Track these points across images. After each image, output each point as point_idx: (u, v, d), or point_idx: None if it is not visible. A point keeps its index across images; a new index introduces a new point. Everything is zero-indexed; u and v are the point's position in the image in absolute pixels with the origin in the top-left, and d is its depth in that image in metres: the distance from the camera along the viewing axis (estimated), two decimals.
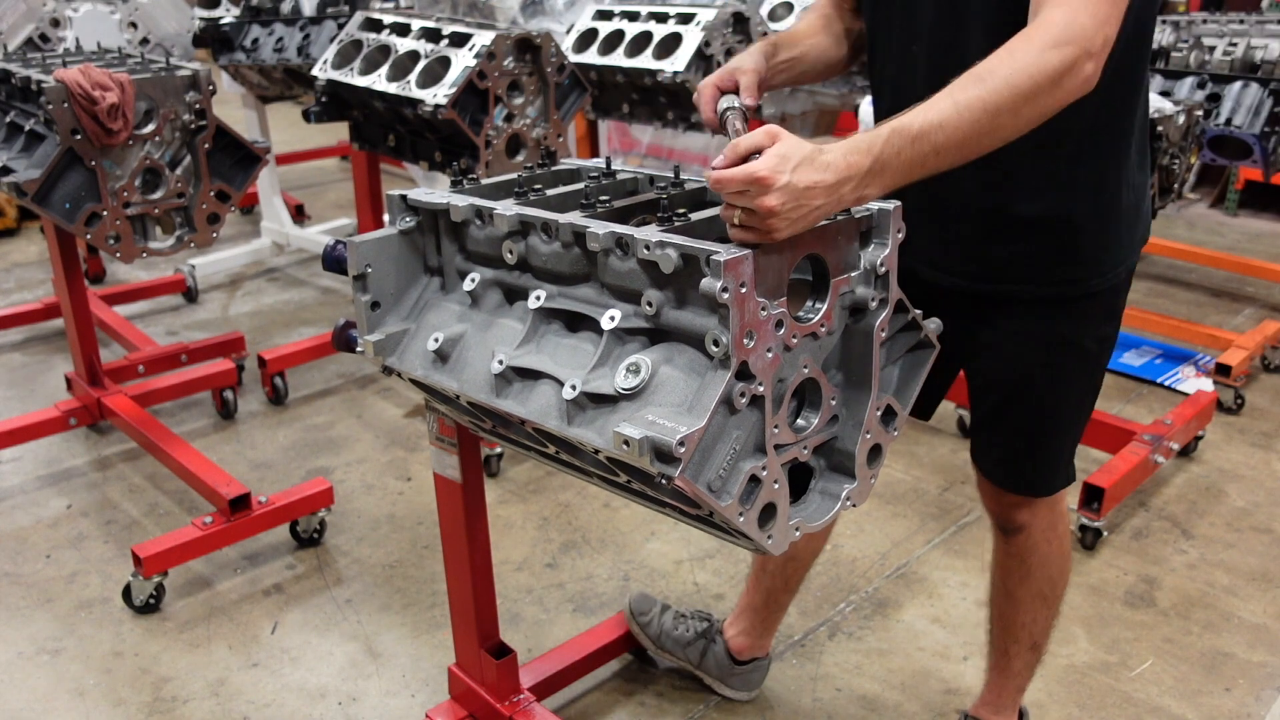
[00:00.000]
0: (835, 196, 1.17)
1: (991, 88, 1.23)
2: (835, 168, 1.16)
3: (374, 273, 1.49)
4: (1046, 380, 1.66)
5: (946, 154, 1.23)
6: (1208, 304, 4.59)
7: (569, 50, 3.55)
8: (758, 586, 2.21)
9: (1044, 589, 1.88)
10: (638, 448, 1.12)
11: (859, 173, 1.18)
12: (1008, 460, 1.80)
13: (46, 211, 2.55)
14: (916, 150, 1.21)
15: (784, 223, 1.15)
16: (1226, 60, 3.82)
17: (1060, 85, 1.25)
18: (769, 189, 1.12)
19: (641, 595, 2.37)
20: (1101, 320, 1.67)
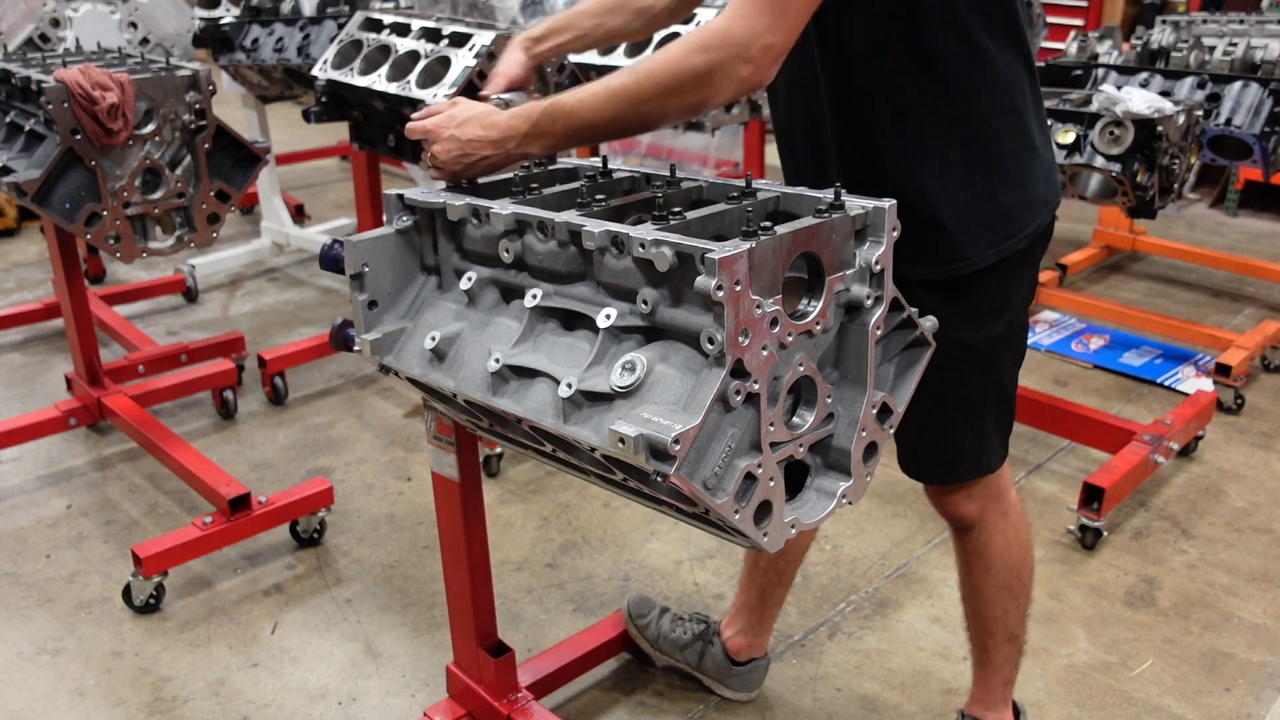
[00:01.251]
0: (502, 150, 1.48)
1: (637, 80, 1.41)
2: (499, 127, 1.47)
3: (371, 272, 1.50)
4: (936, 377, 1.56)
5: (598, 129, 1.45)
6: (1208, 304, 4.59)
7: None
8: (751, 584, 2.22)
9: (1009, 580, 1.87)
10: (633, 445, 1.12)
11: (519, 134, 1.46)
12: (914, 451, 1.80)
13: (46, 211, 2.55)
14: (569, 124, 1.44)
15: (454, 165, 1.51)
16: (1226, 60, 3.81)
17: (709, 84, 1.38)
18: (436, 139, 1.50)
19: (640, 598, 2.37)
20: (987, 318, 1.63)
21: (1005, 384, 1.75)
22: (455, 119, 1.50)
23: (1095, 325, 4.26)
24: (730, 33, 1.36)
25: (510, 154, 1.49)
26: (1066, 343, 4.13)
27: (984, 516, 1.82)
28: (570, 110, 1.44)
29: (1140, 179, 2.99)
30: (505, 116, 1.47)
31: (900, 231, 1.32)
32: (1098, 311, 4.21)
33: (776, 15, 1.35)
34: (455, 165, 1.51)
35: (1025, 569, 1.88)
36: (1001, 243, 1.58)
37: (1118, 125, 2.96)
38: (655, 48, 1.85)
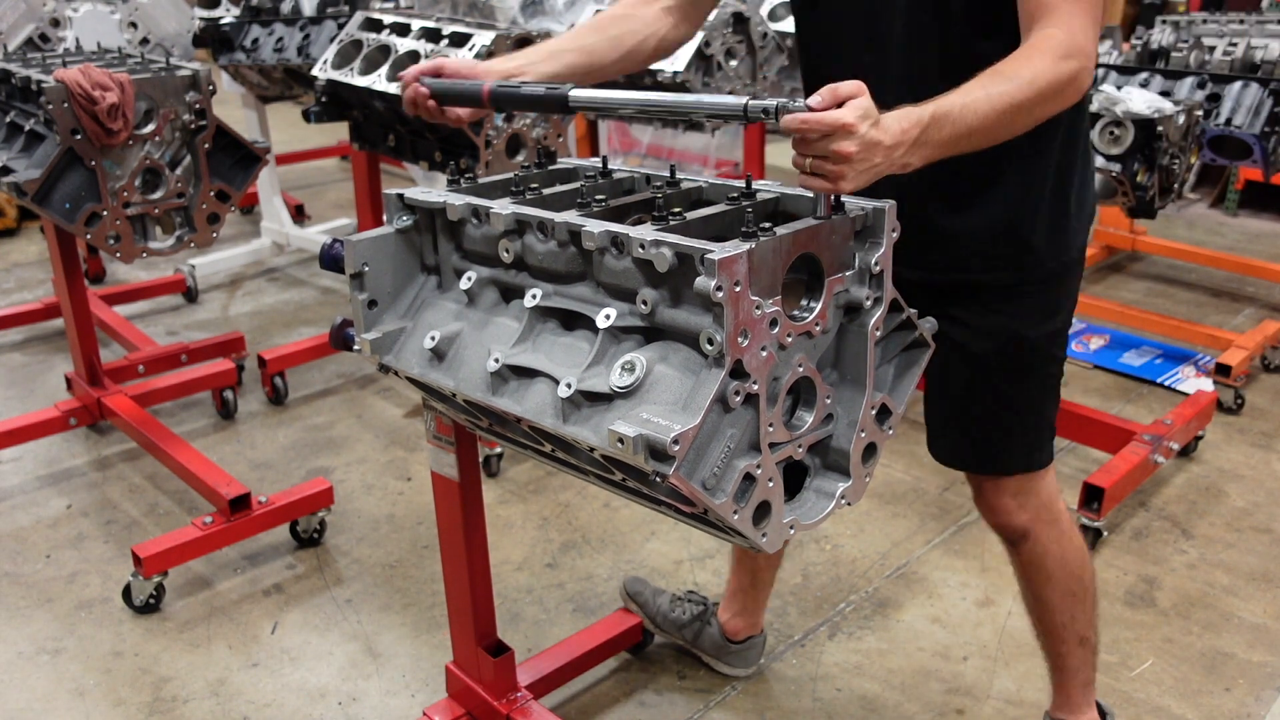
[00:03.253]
0: (889, 159, 1.26)
1: (1017, 85, 1.36)
2: (893, 132, 1.26)
3: (371, 271, 1.50)
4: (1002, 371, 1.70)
5: (974, 138, 1.36)
6: (1208, 304, 4.59)
7: None
8: (741, 569, 2.28)
9: (1071, 586, 1.88)
10: (632, 445, 1.12)
11: (909, 140, 1.28)
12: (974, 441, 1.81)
13: (46, 211, 2.55)
14: (954, 130, 1.32)
15: (853, 172, 1.23)
16: (1226, 60, 3.81)
17: (1064, 93, 1.40)
18: (851, 136, 1.20)
19: (634, 578, 2.45)
20: (1044, 314, 1.71)
21: (1057, 379, 1.80)
22: (869, 115, 1.22)
23: (1095, 325, 4.26)
24: (1078, 42, 1.39)
25: (895, 163, 1.28)
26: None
27: (1035, 526, 1.83)
28: (956, 118, 1.33)
29: (1140, 179, 2.99)
30: (896, 120, 1.27)
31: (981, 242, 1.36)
32: (1098, 311, 4.21)
33: (1095, 24, 1.43)
34: (852, 170, 1.23)
35: (1086, 572, 1.89)
36: (1074, 243, 1.69)
37: (1118, 125, 2.96)
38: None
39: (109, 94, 2.46)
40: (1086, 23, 1.40)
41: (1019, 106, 1.36)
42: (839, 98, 1.22)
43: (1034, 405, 1.78)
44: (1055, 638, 1.94)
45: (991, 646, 2.44)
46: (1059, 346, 1.76)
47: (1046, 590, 1.88)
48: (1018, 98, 1.35)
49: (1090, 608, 1.91)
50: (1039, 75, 1.36)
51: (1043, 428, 1.80)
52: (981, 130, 1.35)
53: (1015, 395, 1.75)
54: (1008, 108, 1.35)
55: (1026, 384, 1.75)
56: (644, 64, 1.83)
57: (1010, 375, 1.72)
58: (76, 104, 2.45)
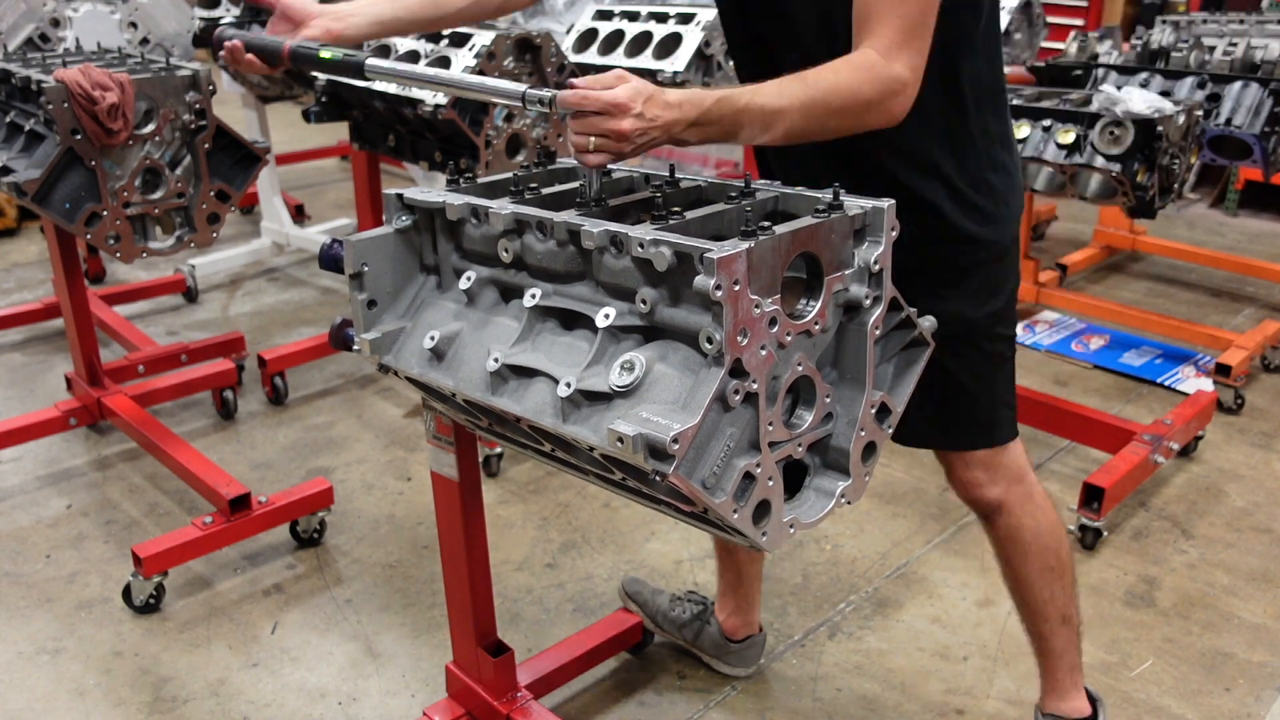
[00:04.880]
0: (668, 134, 1.39)
1: (811, 92, 1.42)
2: (672, 108, 1.38)
3: (370, 271, 1.50)
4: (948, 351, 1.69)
5: (756, 130, 1.43)
6: (1208, 304, 4.59)
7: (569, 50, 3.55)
8: (726, 567, 2.29)
9: (1049, 561, 1.90)
10: (632, 445, 1.12)
11: (686, 120, 1.38)
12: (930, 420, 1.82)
13: (46, 211, 2.55)
14: (736, 120, 1.41)
15: (628, 145, 1.37)
16: (1226, 60, 3.81)
17: (868, 113, 1.45)
18: (626, 114, 1.34)
19: (632, 578, 2.46)
20: (986, 295, 1.75)
21: (1006, 358, 1.84)
22: (641, 94, 1.36)
23: (1095, 325, 4.26)
24: (891, 69, 1.44)
25: (672, 137, 1.41)
26: (1066, 343, 4.13)
27: (1008, 499, 1.86)
28: (741, 107, 1.40)
29: (1140, 179, 2.99)
30: (677, 99, 1.39)
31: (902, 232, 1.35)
32: (1098, 311, 4.21)
33: (918, 54, 1.46)
34: (629, 144, 1.38)
35: (1063, 548, 1.92)
36: (1006, 227, 1.74)
37: (1118, 125, 2.96)
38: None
39: (109, 94, 2.46)
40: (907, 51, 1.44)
41: (807, 109, 1.42)
42: (600, 82, 1.37)
43: (985, 382, 1.81)
44: (1038, 616, 1.95)
45: (991, 646, 2.44)
46: (1004, 324, 1.81)
47: (1024, 566, 1.91)
48: (806, 101, 1.41)
49: (1070, 584, 1.94)
50: (838, 87, 1.42)
51: (997, 404, 1.84)
52: (765, 123, 1.42)
53: (965, 374, 1.79)
54: (795, 107, 1.41)
55: (975, 363, 1.79)
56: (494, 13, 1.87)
57: (958, 356, 1.74)
58: (76, 104, 2.45)
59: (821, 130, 1.46)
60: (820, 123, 1.44)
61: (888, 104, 1.45)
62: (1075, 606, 1.97)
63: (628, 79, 1.38)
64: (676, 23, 3.38)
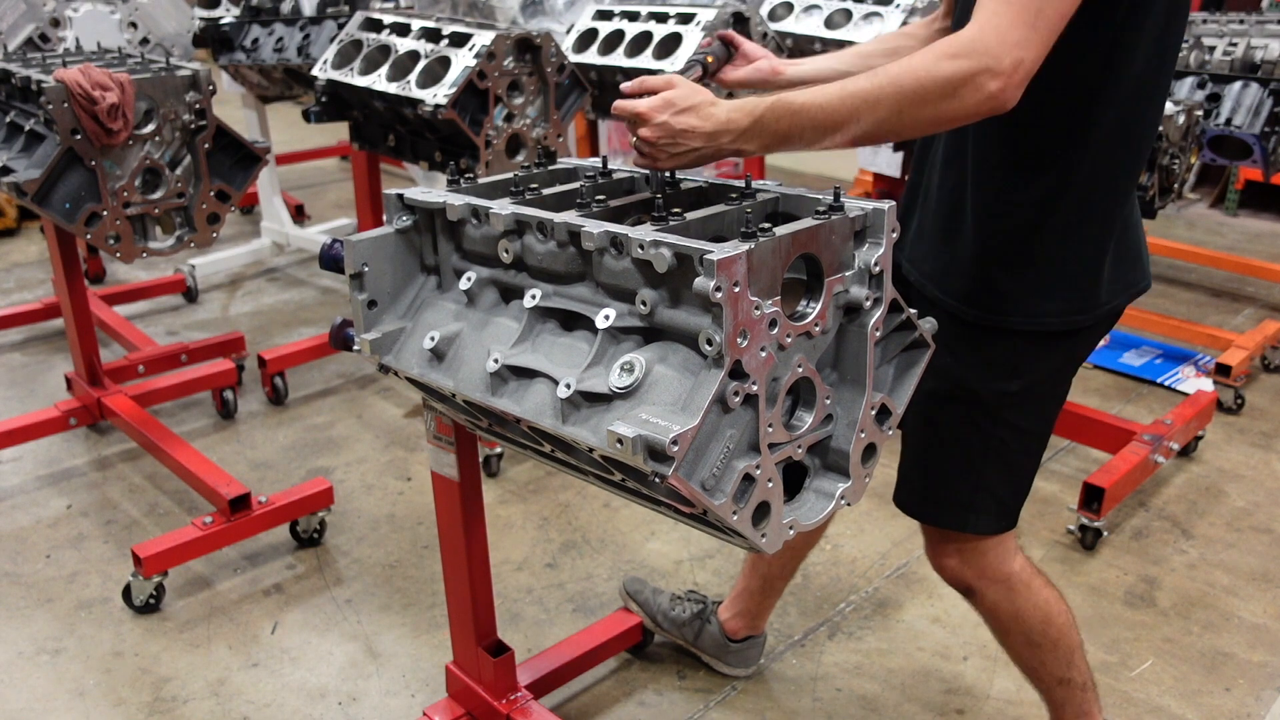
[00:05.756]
0: (714, 144, 1.36)
1: (877, 83, 1.30)
2: (715, 119, 1.35)
3: (371, 271, 1.50)
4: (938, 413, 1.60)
5: (821, 133, 1.34)
6: (1208, 304, 4.59)
7: (569, 50, 3.55)
8: (754, 573, 2.25)
9: (1034, 639, 1.79)
10: (631, 446, 1.12)
11: (737, 129, 1.35)
12: (907, 480, 1.74)
13: (46, 211, 2.55)
14: (794, 122, 1.33)
15: (661, 155, 1.38)
16: (1226, 60, 3.81)
17: (955, 96, 1.27)
18: (646, 124, 1.37)
19: (633, 577, 2.45)
20: (1000, 372, 1.58)
21: (1012, 451, 1.65)
22: (673, 104, 1.36)
23: None
24: (981, 42, 1.26)
25: (722, 149, 1.37)
26: None
27: (979, 585, 1.75)
28: (799, 109, 1.32)
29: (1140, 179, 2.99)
30: (725, 108, 1.35)
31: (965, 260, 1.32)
32: None
33: (1029, 29, 1.26)
34: (661, 154, 1.39)
35: (1050, 627, 1.78)
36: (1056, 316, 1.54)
37: None
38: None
39: (109, 94, 2.46)
40: (1003, 21, 1.25)
41: (876, 104, 1.29)
42: (644, 89, 1.38)
43: (970, 461, 1.65)
44: (1031, 677, 1.87)
45: (991, 646, 2.44)
46: (1015, 413, 1.60)
47: (1006, 639, 1.82)
48: (874, 95, 1.29)
49: (1065, 654, 1.81)
50: (906, 73, 1.28)
51: (980, 493, 1.66)
52: (830, 127, 1.32)
53: (950, 447, 1.65)
54: (859, 103, 1.30)
55: (963, 435, 1.63)
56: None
57: (950, 424, 1.62)
58: (76, 104, 2.45)
59: (901, 122, 1.30)
60: (894, 115, 1.29)
61: (976, 81, 1.25)
62: (1078, 668, 1.83)
63: (675, 83, 1.36)
64: (676, 23, 3.38)
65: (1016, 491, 1.70)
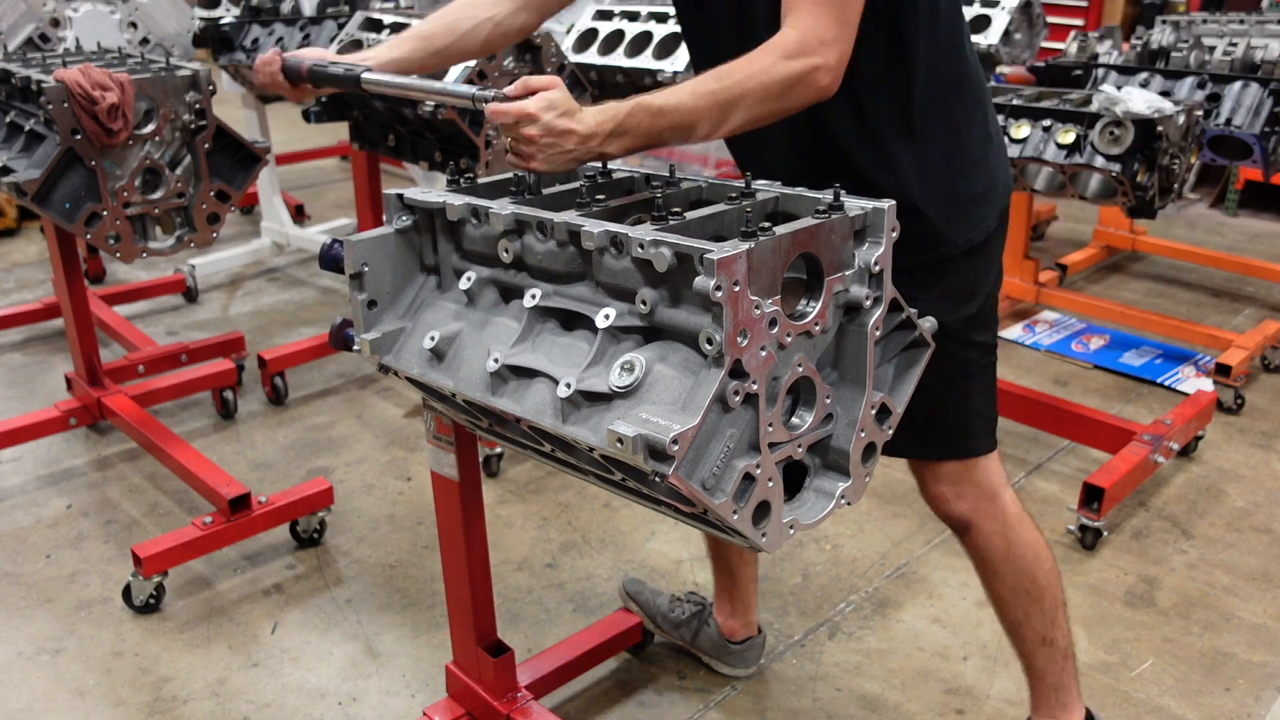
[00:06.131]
0: (585, 147, 1.43)
1: (725, 85, 1.42)
2: (587, 123, 1.42)
3: (371, 271, 1.50)
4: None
5: (681, 132, 1.44)
6: (1208, 304, 4.59)
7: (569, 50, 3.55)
8: (720, 569, 2.28)
9: (1021, 583, 1.83)
10: (631, 445, 1.12)
11: (604, 132, 1.42)
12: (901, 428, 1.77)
13: (46, 211, 2.55)
14: (655, 124, 1.43)
15: (541, 155, 1.43)
16: (1226, 60, 3.81)
17: (793, 92, 1.43)
18: (534, 123, 1.41)
19: (632, 579, 2.45)
20: (960, 299, 1.70)
21: (983, 366, 1.78)
22: (555, 106, 1.41)
23: (1095, 325, 4.26)
24: (808, 44, 1.41)
25: (592, 151, 1.44)
26: (1066, 343, 4.13)
27: (977, 517, 1.81)
28: (658, 110, 1.42)
29: (1140, 179, 2.99)
30: (592, 113, 1.44)
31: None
32: (1098, 311, 4.21)
33: (842, 24, 1.42)
34: (541, 154, 1.44)
35: (1040, 570, 1.84)
36: (977, 225, 1.67)
37: (1118, 125, 2.96)
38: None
39: (109, 94, 2.46)
40: (823, 20, 1.41)
41: (727, 104, 1.42)
42: (530, 89, 1.43)
43: (958, 391, 1.75)
44: (1015, 635, 1.90)
45: (991, 646, 2.44)
46: (979, 331, 1.75)
47: (996, 585, 1.86)
48: (724, 97, 1.42)
49: (1050, 608, 1.86)
50: (751, 76, 1.41)
51: (971, 415, 1.77)
52: (687, 126, 1.43)
53: (936, 381, 1.69)
54: (713, 104, 1.42)
55: (946, 370, 1.69)
56: (483, 49, 1.88)
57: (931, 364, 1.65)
58: (76, 104, 2.45)
59: (748, 119, 1.44)
60: (744, 112, 1.43)
61: (810, 78, 1.42)
62: (1060, 629, 1.88)
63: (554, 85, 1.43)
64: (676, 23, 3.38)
65: (992, 404, 1.83)
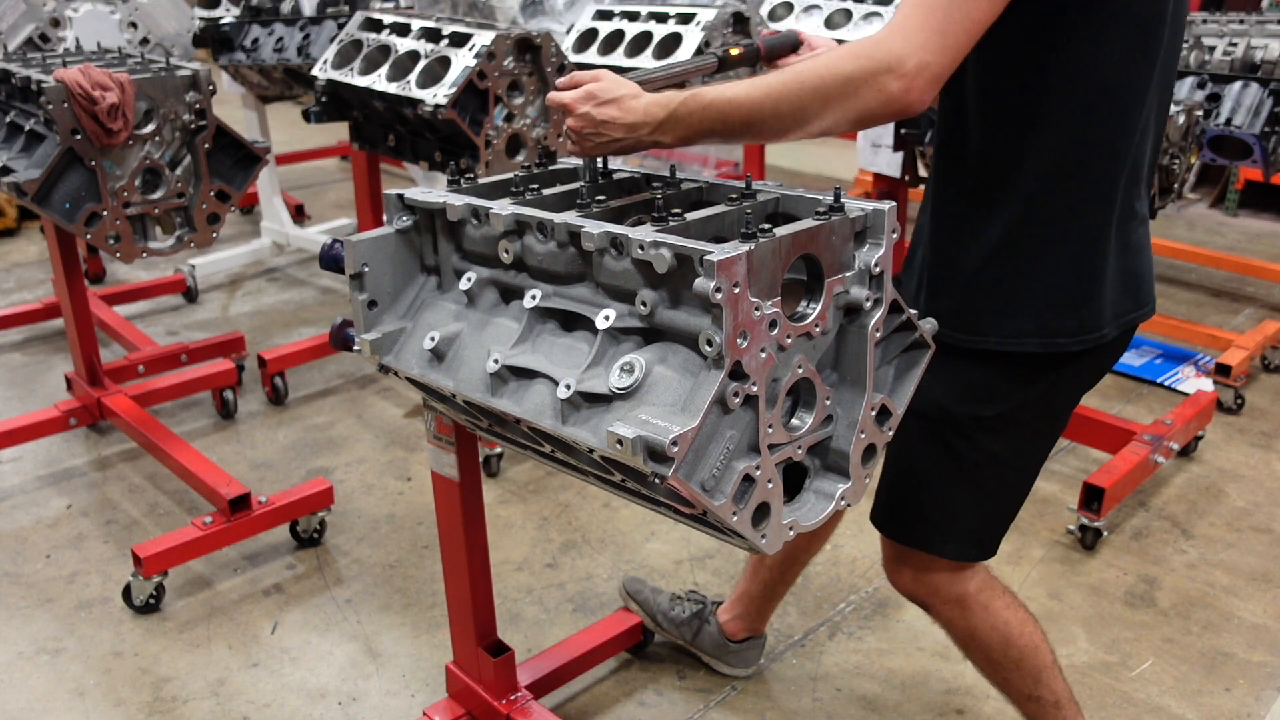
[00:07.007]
0: (633, 135, 1.44)
1: (784, 79, 1.35)
2: (635, 112, 1.42)
3: (371, 272, 1.50)
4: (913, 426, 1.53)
5: (735, 126, 1.39)
6: (1208, 304, 4.59)
7: (569, 50, 3.55)
8: (755, 578, 2.25)
9: (991, 656, 1.75)
10: (631, 447, 1.12)
11: (654, 121, 1.42)
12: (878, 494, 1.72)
13: (46, 211, 2.55)
14: (705, 116, 1.39)
15: (585, 143, 1.47)
16: (1226, 60, 3.81)
17: (856, 94, 1.30)
18: (570, 114, 1.45)
19: (633, 577, 2.44)
20: (979, 395, 1.55)
21: (985, 479, 1.61)
22: (596, 96, 1.44)
23: None
24: (884, 45, 1.28)
25: (641, 140, 1.44)
26: None
27: (933, 604, 1.73)
28: (709, 103, 1.39)
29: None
30: (645, 101, 1.43)
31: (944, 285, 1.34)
32: None
33: (935, 34, 1.27)
34: (585, 142, 1.47)
35: (1011, 649, 1.73)
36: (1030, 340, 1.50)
37: None
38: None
39: (109, 94, 2.46)
40: (910, 26, 1.27)
41: (779, 98, 1.34)
42: (575, 82, 1.46)
43: (944, 488, 1.62)
44: (999, 690, 1.83)
45: None
46: (994, 440, 1.57)
47: (967, 654, 1.80)
48: (778, 89, 1.34)
49: (1029, 672, 1.75)
50: (812, 70, 1.32)
51: (949, 518, 1.63)
52: (741, 120, 1.37)
53: (923, 466, 1.62)
54: (765, 98, 1.35)
55: (935, 454, 1.60)
56: None
57: (923, 442, 1.60)
58: (76, 104, 2.45)
59: (807, 117, 1.33)
60: (799, 106, 1.33)
61: (877, 81, 1.27)
62: (1047, 686, 1.76)
63: (599, 78, 1.45)
64: (676, 23, 3.37)
65: (988, 523, 1.66)
